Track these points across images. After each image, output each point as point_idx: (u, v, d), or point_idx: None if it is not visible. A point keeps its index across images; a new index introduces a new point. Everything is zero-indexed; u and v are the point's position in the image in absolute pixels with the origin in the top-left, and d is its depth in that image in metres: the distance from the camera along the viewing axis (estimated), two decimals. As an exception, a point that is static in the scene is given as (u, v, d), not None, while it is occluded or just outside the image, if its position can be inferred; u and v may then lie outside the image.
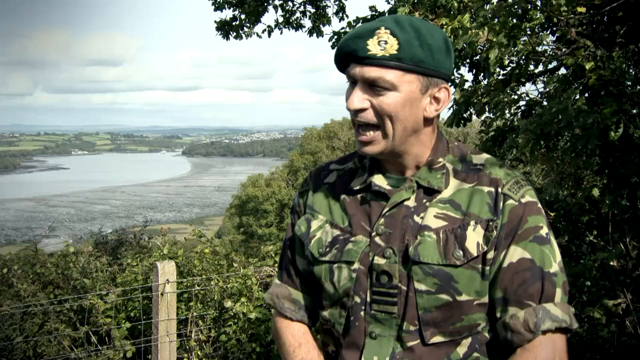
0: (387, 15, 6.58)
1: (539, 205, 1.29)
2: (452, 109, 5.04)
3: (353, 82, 1.25)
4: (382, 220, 1.29)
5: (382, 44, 1.18)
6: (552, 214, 4.15)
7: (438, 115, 1.31)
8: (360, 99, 1.23)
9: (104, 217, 76.76)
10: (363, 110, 1.23)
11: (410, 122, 1.24)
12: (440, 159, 1.32)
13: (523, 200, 1.26)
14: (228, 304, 4.29)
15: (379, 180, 1.33)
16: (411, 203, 1.29)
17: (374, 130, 1.25)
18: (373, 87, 1.21)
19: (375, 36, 1.19)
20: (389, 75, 1.19)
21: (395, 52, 1.18)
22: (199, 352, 4.34)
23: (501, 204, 1.25)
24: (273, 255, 5.12)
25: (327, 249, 1.34)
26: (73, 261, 4.92)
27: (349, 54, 1.22)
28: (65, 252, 5.12)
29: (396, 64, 1.18)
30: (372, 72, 1.20)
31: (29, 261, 5.21)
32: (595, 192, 3.92)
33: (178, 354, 4.19)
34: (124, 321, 4.34)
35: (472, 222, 1.24)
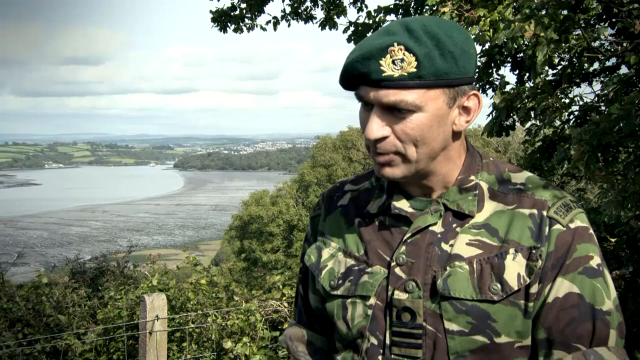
0: (412, 6, 6.62)
1: (591, 231, 1.28)
2: (491, 115, 5.04)
3: (366, 102, 1.24)
4: (403, 248, 1.29)
5: (398, 62, 1.16)
6: (612, 240, 4.11)
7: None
8: (379, 126, 1.21)
9: (81, 242, 77.28)
10: (384, 138, 1.22)
11: (439, 141, 1.24)
12: (472, 177, 1.31)
13: (572, 226, 1.24)
14: (228, 344, 4.29)
15: (400, 202, 1.33)
16: (438, 228, 1.28)
17: (393, 154, 1.24)
18: (393, 110, 1.20)
19: (389, 55, 1.16)
20: (410, 96, 1.18)
21: (415, 70, 1.16)
22: (193, 403, 4.33)
23: (547, 229, 1.23)
24: (280, 286, 5.12)
25: (340, 282, 1.34)
26: (46, 294, 4.95)
27: (360, 77, 1.21)
28: (36, 284, 5.15)
29: (417, 83, 1.17)
30: (390, 95, 1.18)
31: (-6, 294, 5.25)
32: (665, 214, 3.88)
33: (168, 404, 4.18)
34: (105, 365, 4.34)
35: (512, 250, 1.23)
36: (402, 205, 1.33)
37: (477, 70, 1.85)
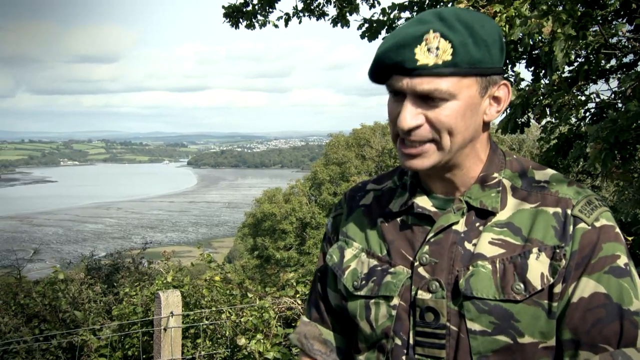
0: (426, 3, 6.58)
1: (617, 230, 1.26)
2: (505, 112, 5.00)
3: (396, 93, 1.23)
4: (426, 247, 1.28)
5: (434, 50, 1.16)
6: (629, 238, 4.07)
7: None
8: (413, 115, 1.20)
9: (96, 238, 77.87)
10: (417, 127, 1.21)
11: (470, 130, 1.24)
12: (495, 174, 1.30)
13: (597, 224, 1.23)
14: (242, 341, 4.29)
15: (422, 201, 1.32)
16: (460, 227, 1.28)
17: (427, 143, 1.23)
18: (426, 99, 1.20)
19: (424, 42, 1.16)
20: (445, 84, 1.17)
21: (450, 58, 1.16)
22: (207, 399, 4.34)
23: (571, 227, 1.22)
24: (294, 284, 5.12)
25: (363, 282, 1.34)
26: (62, 290, 4.97)
27: (393, 67, 1.20)
28: (53, 280, 5.17)
29: (452, 71, 1.17)
30: (424, 84, 1.17)
31: (10, 290, 5.28)
32: (682, 211, 3.84)
33: (183, 400, 4.19)
34: (120, 361, 4.36)
35: (535, 250, 1.22)
36: (425, 204, 1.32)
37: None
